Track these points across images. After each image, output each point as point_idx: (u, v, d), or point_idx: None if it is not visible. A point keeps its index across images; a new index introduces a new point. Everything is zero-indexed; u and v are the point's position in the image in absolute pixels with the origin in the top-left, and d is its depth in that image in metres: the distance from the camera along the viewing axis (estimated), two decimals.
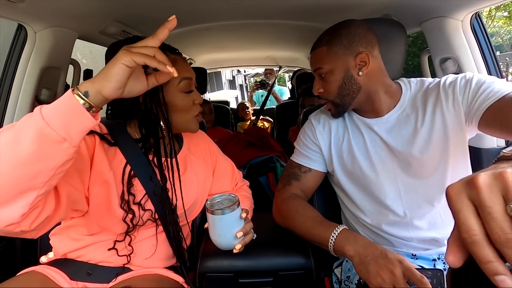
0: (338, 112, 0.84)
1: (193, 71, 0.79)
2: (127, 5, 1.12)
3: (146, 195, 0.75)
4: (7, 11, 0.88)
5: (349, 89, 0.79)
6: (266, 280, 0.80)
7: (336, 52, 0.78)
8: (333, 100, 0.82)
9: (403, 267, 0.60)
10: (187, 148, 0.90)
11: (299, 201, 0.86)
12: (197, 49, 2.28)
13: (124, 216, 0.72)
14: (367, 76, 0.79)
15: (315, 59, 0.83)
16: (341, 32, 0.79)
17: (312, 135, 0.91)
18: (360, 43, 0.77)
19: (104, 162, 0.71)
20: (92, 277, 0.76)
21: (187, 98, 0.77)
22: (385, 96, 0.81)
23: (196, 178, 0.86)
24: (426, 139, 0.77)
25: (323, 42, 0.81)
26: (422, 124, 0.77)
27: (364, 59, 0.77)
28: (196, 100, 0.78)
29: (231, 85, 12.15)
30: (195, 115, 0.79)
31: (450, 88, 0.76)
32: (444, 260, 0.79)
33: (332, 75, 0.79)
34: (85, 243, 0.77)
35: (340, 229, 0.72)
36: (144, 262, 0.79)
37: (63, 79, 1.20)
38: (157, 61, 0.52)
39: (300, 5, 1.27)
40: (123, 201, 0.71)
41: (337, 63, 0.78)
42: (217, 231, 0.75)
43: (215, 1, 1.19)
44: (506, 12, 8.21)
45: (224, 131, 2.36)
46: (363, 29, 0.78)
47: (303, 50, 2.52)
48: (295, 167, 0.92)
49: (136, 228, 0.75)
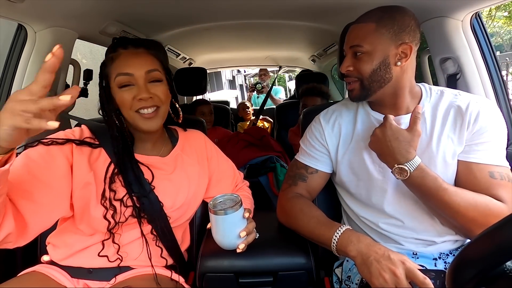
0: (361, 95, 0.80)
1: (142, 66, 0.74)
2: (127, 5, 1.12)
3: (127, 194, 0.75)
4: (7, 11, 0.88)
5: (382, 77, 0.76)
6: (266, 280, 0.80)
7: (383, 34, 0.74)
8: (363, 81, 0.77)
9: (405, 268, 0.60)
10: (181, 148, 0.90)
11: (304, 201, 0.86)
12: (197, 49, 2.28)
13: (105, 213, 0.73)
14: (402, 69, 0.76)
15: (357, 34, 0.77)
16: (395, 16, 0.74)
17: (320, 136, 0.90)
18: (409, 34, 0.74)
19: (84, 165, 0.74)
20: (93, 275, 0.76)
21: (124, 93, 0.74)
22: (409, 95, 0.80)
23: (186, 178, 0.86)
24: (434, 153, 0.76)
25: (374, 18, 0.75)
26: (439, 141, 0.76)
27: (406, 51, 0.75)
28: (138, 96, 0.73)
29: (231, 85, 12.15)
30: (135, 110, 0.75)
31: (476, 123, 0.74)
32: (445, 259, 0.79)
33: (370, 57, 0.75)
34: (80, 247, 0.77)
35: (343, 229, 0.72)
36: (136, 261, 0.78)
37: (63, 79, 1.20)
38: (38, 120, 0.47)
39: (300, 5, 1.27)
40: (103, 198, 0.73)
41: (380, 47, 0.74)
42: (220, 231, 0.75)
43: (215, 1, 1.19)
44: (506, 12, 8.21)
45: (224, 131, 2.35)
46: (415, 22, 0.76)
47: (303, 50, 2.52)
48: (301, 168, 0.91)
49: (119, 225, 0.75)
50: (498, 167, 0.72)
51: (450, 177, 0.76)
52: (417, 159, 0.71)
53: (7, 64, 1.08)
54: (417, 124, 0.72)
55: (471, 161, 0.74)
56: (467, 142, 0.75)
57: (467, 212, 0.68)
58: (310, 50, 2.46)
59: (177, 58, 2.27)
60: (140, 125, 0.76)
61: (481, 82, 1.11)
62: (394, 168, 0.72)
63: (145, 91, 0.74)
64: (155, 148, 0.86)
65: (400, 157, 0.71)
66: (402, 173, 0.71)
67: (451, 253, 0.81)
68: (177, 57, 2.24)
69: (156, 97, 0.76)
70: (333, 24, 1.53)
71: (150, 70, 0.75)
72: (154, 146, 0.86)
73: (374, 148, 0.77)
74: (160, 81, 0.78)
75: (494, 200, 0.70)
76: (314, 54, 2.48)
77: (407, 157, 0.71)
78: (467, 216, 0.69)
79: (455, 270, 0.42)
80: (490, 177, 0.72)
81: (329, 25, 1.56)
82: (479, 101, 0.77)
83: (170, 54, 2.09)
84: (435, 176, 0.70)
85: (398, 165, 0.71)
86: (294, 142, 2.02)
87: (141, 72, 0.74)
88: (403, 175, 0.71)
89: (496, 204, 0.69)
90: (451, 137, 0.76)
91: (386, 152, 0.73)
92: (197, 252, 0.85)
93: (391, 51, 0.74)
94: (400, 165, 0.71)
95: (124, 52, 0.77)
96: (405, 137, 0.72)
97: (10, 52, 1.08)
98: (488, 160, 0.73)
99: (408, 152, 0.71)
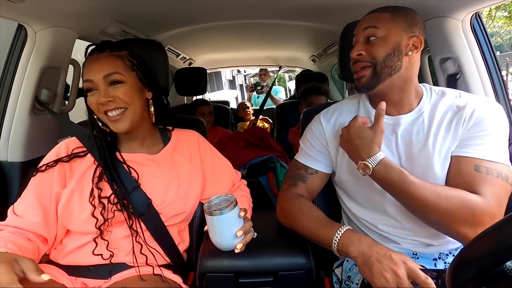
0: (371, 82, 0.78)
1: (100, 71, 0.77)
2: (127, 5, 1.12)
3: (114, 191, 0.79)
4: (7, 11, 0.88)
5: (394, 62, 0.76)
6: (266, 280, 0.80)
7: (398, 23, 0.76)
8: (376, 65, 0.76)
9: (407, 268, 0.60)
10: (173, 146, 0.91)
11: (303, 201, 0.86)
12: (197, 49, 2.28)
13: (93, 210, 0.76)
14: (411, 61, 0.77)
15: (372, 19, 0.78)
16: (407, 12, 0.78)
17: (321, 136, 0.90)
18: (419, 29, 0.77)
19: (73, 174, 0.81)
20: (91, 272, 0.77)
21: (90, 98, 0.79)
22: (412, 92, 0.81)
23: (176, 175, 0.86)
24: (431, 152, 0.76)
25: (389, 9, 0.78)
26: (435, 140, 0.76)
27: (417, 44, 0.76)
28: (97, 100, 0.77)
29: (231, 85, 12.15)
30: (103, 113, 0.78)
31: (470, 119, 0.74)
32: (445, 259, 0.79)
33: (384, 41, 0.76)
34: (75, 246, 0.78)
35: (343, 229, 0.72)
36: (129, 258, 0.78)
37: (63, 79, 1.20)
38: None
39: (300, 5, 1.27)
40: (91, 196, 0.77)
41: (394, 34, 0.76)
42: (217, 232, 0.75)
43: (215, 1, 1.19)
44: (506, 12, 8.21)
45: (224, 131, 2.36)
46: (423, 23, 0.79)
47: (303, 50, 2.52)
48: (301, 168, 0.91)
49: (109, 221, 0.77)
50: (489, 162, 0.70)
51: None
52: (380, 154, 0.73)
53: (7, 64, 1.09)
54: (379, 121, 0.74)
55: (461, 155, 0.73)
56: (462, 137, 0.74)
57: (438, 206, 0.67)
58: (310, 50, 2.47)
59: (177, 58, 2.27)
60: (111, 127, 0.80)
61: (481, 82, 1.11)
62: (359, 164, 0.74)
63: (103, 95, 0.76)
64: (144, 146, 0.89)
65: (363, 154, 0.73)
66: (365, 169, 0.73)
67: (451, 253, 0.81)
68: (177, 57, 2.24)
69: (118, 98, 0.77)
70: (333, 24, 1.53)
71: (108, 74, 0.77)
72: (142, 144, 0.88)
73: (343, 146, 0.80)
74: (121, 83, 0.78)
75: (469, 193, 0.68)
76: (314, 54, 2.48)
77: (370, 153, 0.73)
78: (440, 210, 0.67)
79: (455, 270, 0.42)
80: (475, 170, 0.70)
81: (329, 25, 1.56)
82: (478, 99, 0.77)
83: (170, 54, 2.09)
84: (400, 169, 0.71)
85: (361, 161, 0.73)
86: (294, 142, 2.02)
87: (99, 76, 0.77)
88: (367, 170, 0.73)
89: (470, 197, 0.67)
90: (447, 136, 0.75)
91: (352, 150, 0.76)
92: (197, 252, 0.85)
93: (404, 40, 0.76)
94: (363, 161, 0.73)
95: (88, 59, 0.80)
96: (368, 135, 0.74)
97: (10, 52, 1.08)
98: (478, 155, 0.71)
99: (371, 148, 0.73)
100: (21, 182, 1.04)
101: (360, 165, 0.74)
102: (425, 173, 0.75)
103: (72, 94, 1.29)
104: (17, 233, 0.72)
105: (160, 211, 0.81)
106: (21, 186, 0.81)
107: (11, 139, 1.08)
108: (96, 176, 0.80)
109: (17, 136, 1.08)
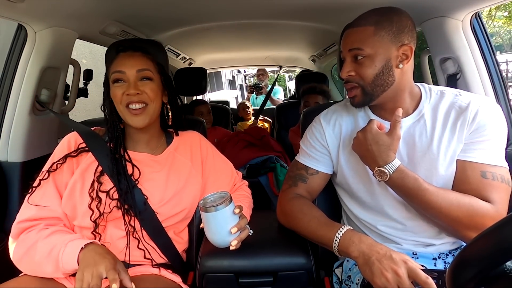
0: (363, 101, 0.79)
1: (134, 66, 0.81)
2: (127, 5, 1.12)
3: (114, 187, 0.80)
4: (7, 11, 0.88)
5: (385, 80, 0.75)
6: (266, 280, 0.80)
7: (383, 37, 0.73)
8: (365, 87, 0.76)
9: (407, 268, 0.60)
10: (175, 147, 0.92)
11: (304, 201, 0.86)
12: (197, 49, 2.28)
13: (90, 202, 0.77)
14: (403, 71, 0.76)
15: (355, 38, 0.75)
16: (393, 18, 0.74)
17: (321, 137, 0.90)
18: (408, 35, 0.74)
19: (78, 165, 0.83)
20: None
21: (116, 88, 0.82)
22: (409, 97, 0.80)
23: (176, 174, 0.87)
24: (435, 154, 0.76)
25: (371, 21, 0.74)
26: (439, 142, 0.76)
27: (407, 52, 0.74)
28: (126, 91, 0.80)
29: (231, 85, 12.15)
30: (125, 105, 0.81)
31: (474, 121, 0.74)
32: (445, 259, 0.79)
33: (372, 61, 0.74)
34: None
35: (344, 230, 0.72)
36: (120, 255, 0.78)
37: (63, 79, 1.20)
38: None
39: (300, 5, 1.27)
40: (92, 188, 0.79)
41: (381, 50, 0.73)
42: (211, 229, 0.75)
43: (215, 1, 1.19)
44: (506, 12, 8.20)
45: (224, 131, 2.35)
46: (411, 23, 0.75)
47: (303, 50, 2.52)
48: (302, 169, 0.91)
49: (104, 215, 0.78)
50: (492, 167, 0.72)
51: (453, 178, 0.76)
52: (396, 162, 0.73)
53: (7, 64, 1.09)
54: (396, 128, 0.73)
55: (466, 159, 0.74)
56: (466, 141, 0.75)
57: (449, 212, 0.69)
58: (310, 50, 2.47)
59: (177, 58, 2.27)
60: (128, 120, 0.82)
61: (481, 82, 1.11)
62: (375, 170, 0.74)
63: (133, 87, 0.80)
64: (149, 147, 0.90)
65: (380, 160, 0.73)
66: (382, 175, 0.73)
67: (451, 253, 0.81)
68: (177, 57, 2.24)
69: (144, 93, 0.82)
70: (333, 24, 1.53)
71: (141, 69, 0.82)
72: (147, 144, 0.90)
73: (356, 150, 0.79)
74: (151, 80, 0.84)
75: (480, 200, 0.70)
76: (314, 54, 2.48)
77: (386, 160, 0.72)
78: (450, 216, 0.69)
79: (455, 270, 0.42)
80: (482, 177, 0.72)
81: (329, 25, 1.56)
82: (479, 99, 0.76)
83: (170, 54, 2.09)
84: (415, 177, 0.72)
85: (378, 168, 0.73)
86: (294, 142, 2.02)
87: (132, 71, 0.81)
88: (383, 177, 0.73)
89: (481, 205, 0.69)
90: (452, 138, 0.75)
91: (367, 155, 0.75)
92: (197, 252, 0.85)
93: (393, 53, 0.74)
94: (380, 167, 0.73)
95: (122, 54, 0.85)
96: (385, 141, 0.73)
97: (10, 52, 1.08)
98: (483, 159, 0.73)
99: (388, 156, 0.73)
100: (21, 182, 1.05)
101: (377, 171, 0.73)
102: (429, 175, 0.75)
103: (72, 94, 1.29)
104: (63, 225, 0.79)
105: (157, 211, 0.82)
106: (21, 186, 0.81)
107: (11, 139, 1.08)
108: (98, 170, 0.81)
109: (17, 136, 1.08)
